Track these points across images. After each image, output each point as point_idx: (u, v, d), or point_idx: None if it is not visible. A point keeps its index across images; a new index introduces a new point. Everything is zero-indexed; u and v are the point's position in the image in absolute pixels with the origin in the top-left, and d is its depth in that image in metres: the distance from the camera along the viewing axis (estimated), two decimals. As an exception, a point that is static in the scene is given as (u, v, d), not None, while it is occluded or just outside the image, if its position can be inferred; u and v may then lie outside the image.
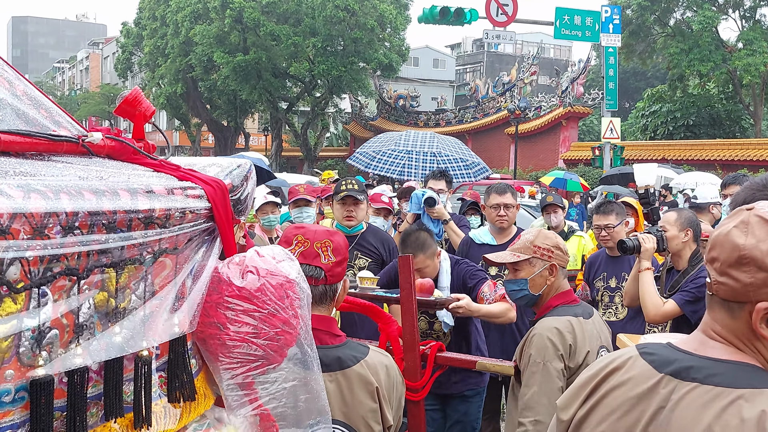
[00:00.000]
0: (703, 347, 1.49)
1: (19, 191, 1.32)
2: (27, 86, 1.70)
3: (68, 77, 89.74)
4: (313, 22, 33.41)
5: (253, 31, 33.89)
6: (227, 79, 35.05)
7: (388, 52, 35.57)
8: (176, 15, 36.56)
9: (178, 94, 39.37)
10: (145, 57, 40.81)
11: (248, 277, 1.80)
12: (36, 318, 1.36)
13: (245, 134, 43.60)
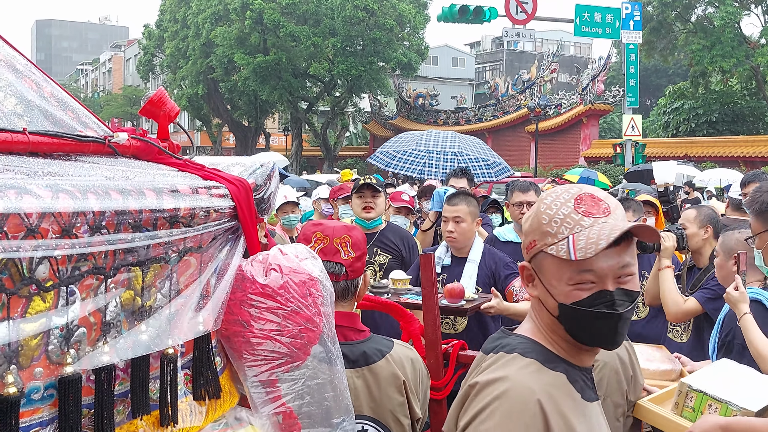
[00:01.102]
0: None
1: (47, 191, 1.33)
2: (54, 88, 1.72)
3: (91, 79, 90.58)
4: (332, 22, 33.46)
5: (273, 32, 34.00)
6: (248, 80, 35.20)
7: (407, 52, 35.54)
8: (197, 17, 36.77)
9: (200, 95, 39.58)
10: (167, 59, 41.08)
11: (271, 275, 1.81)
12: (64, 316, 1.37)
13: (266, 134, 43.77)
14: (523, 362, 1.57)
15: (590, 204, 1.56)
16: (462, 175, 6.97)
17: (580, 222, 1.54)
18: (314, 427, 1.89)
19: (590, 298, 1.53)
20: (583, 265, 1.51)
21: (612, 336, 1.56)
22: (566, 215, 1.56)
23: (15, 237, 1.26)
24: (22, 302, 1.30)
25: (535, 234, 1.61)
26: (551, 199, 1.61)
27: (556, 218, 1.56)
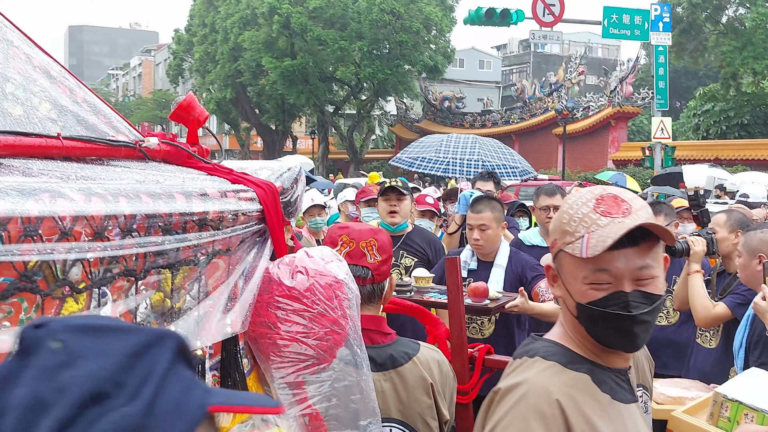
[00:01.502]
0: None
1: (80, 195, 1.36)
2: (87, 93, 1.75)
3: (122, 84, 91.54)
4: (359, 26, 33.52)
5: (301, 36, 34.16)
6: (275, 84, 35.37)
7: (433, 55, 35.50)
8: (225, 21, 37.04)
9: (228, 99, 39.86)
10: (196, 63, 41.43)
11: (298, 278, 1.83)
12: (96, 317, 1.40)
13: (293, 137, 43.96)
14: (543, 365, 1.58)
15: (610, 204, 1.56)
16: (488, 178, 6.95)
17: (596, 221, 1.54)
18: (341, 429, 1.90)
19: (605, 299, 1.52)
20: (598, 264, 1.52)
21: (628, 338, 1.54)
22: (585, 215, 1.56)
23: (49, 239, 1.29)
24: (55, 303, 1.33)
25: (556, 233, 1.62)
26: (574, 199, 1.62)
27: (575, 218, 1.57)
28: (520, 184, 17.30)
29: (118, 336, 0.75)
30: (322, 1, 33.32)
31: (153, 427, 0.69)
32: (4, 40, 1.63)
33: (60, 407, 0.67)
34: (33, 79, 1.62)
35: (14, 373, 0.70)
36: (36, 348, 0.71)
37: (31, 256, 1.27)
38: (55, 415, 0.66)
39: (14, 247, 1.24)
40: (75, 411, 0.67)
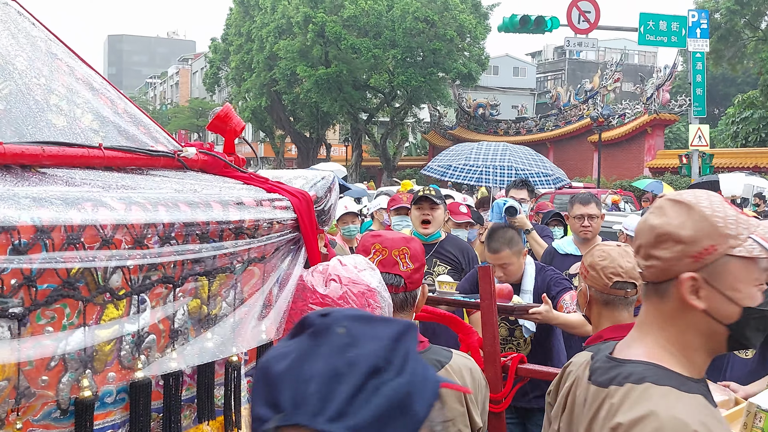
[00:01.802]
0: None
1: (121, 203, 1.40)
2: (127, 104, 1.79)
3: (159, 92, 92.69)
4: (393, 34, 33.60)
5: (335, 44, 34.33)
6: (309, 92, 35.57)
7: (467, 62, 35.43)
8: (261, 31, 37.38)
9: (263, 107, 40.17)
10: (232, 71, 41.84)
11: (331, 285, 1.84)
12: (136, 323, 1.43)
13: (326, 145, 44.15)
14: (660, 391, 1.48)
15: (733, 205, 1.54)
16: (522, 186, 6.91)
17: (749, 221, 1.50)
18: (373, 436, 1.91)
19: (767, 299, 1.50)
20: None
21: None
22: (735, 216, 1.50)
23: (91, 247, 1.32)
24: (97, 309, 1.36)
25: (710, 239, 1.49)
26: (707, 203, 1.52)
27: (730, 219, 1.49)
28: (555, 192, 17.17)
29: (382, 324, 0.94)
30: (357, 10, 33.46)
31: (413, 394, 0.88)
32: (49, 53, 1.68)
33: (352, 377, 0.86)
34: (76, 91, 1.66)
35: (311, 350, 0.90)
36: (326, 332, 0.91)
37: (74, 263, 1.30)
38: (350, 383, 0.86)
39: (58, 255, 1.28)
40: (363, 380, 0.86)
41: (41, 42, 1.69)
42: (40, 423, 1.32)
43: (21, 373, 1.26)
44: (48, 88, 1.61)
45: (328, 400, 0.85)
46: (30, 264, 1.24)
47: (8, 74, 1.55)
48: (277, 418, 0.86)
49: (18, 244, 1.22)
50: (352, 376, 0.86)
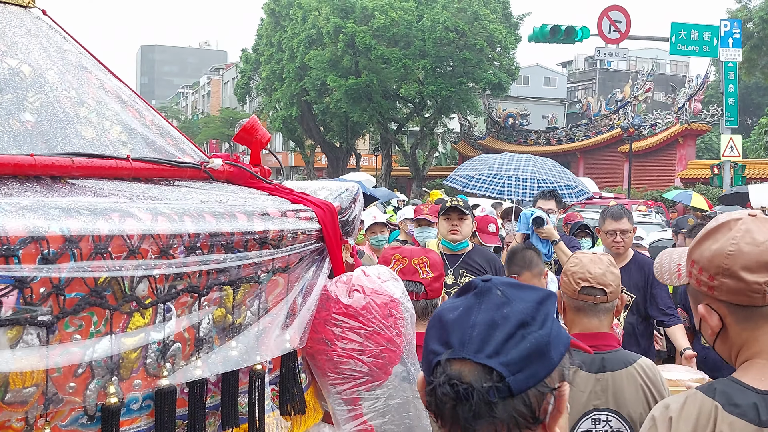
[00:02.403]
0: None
1: (147, 214, 1.42)
2: (155, 116, 1.82)
3: (191, 102, 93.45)
4: (422, 44, 33.62)
5: (365, 54, 34.44)
6: (339, 102, 35.69)
7: (497, 72, 35.30)
8: (292, 41, 37.62)
9: (294, 117, 40.37)
10: (263, 82, 42.11)
11: (354, 296, 1.85)
12: (161, 332, 1.45)
13: (356, 155, 44.25)
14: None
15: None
16: (550, 197, 6.85)
17: None
18: (395, 445, 1.92)
19: None
20: None
21: None
22: None
23: (118, 257, 1.35)
24: (123, 318, 1.38)
25: None
26: None
27: None
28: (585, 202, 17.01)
29: (530, 291, 1.20)
30: (387, 20, 33.54)
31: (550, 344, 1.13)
32: (80, 66, 1.71)
33: (505, 327, 1.13)
34: (105, 103, 1.69)
35: (475, 306, 1.17)
36: (487, 293, 1.18)
37: (101, 272, 1.32)
38: (503, 331, 1.12)
39: (86, 264, 1.30)
40: (513, 330, 1.12)
41: (72, 55, 1.72)
42: (68, 428, 1.34)
43: (49, 379, 1.28)
44: (78, 101, 1.64)
45: (486, 342, 1.12)
46: (59, 273, 1.26)
47: (39, 87, 1.59)
48: (448, 353, 1.13)
49: (47, 254, 1.24)
50: (505, 326, 1.13)
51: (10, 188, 1.39)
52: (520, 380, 1.10)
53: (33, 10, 1.79)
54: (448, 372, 1.12)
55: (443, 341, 1.16)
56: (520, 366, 1.10)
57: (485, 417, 1.10)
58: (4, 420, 1.24)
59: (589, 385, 2.51)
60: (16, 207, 1.26)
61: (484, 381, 1.10)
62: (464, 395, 1.10)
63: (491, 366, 1.10)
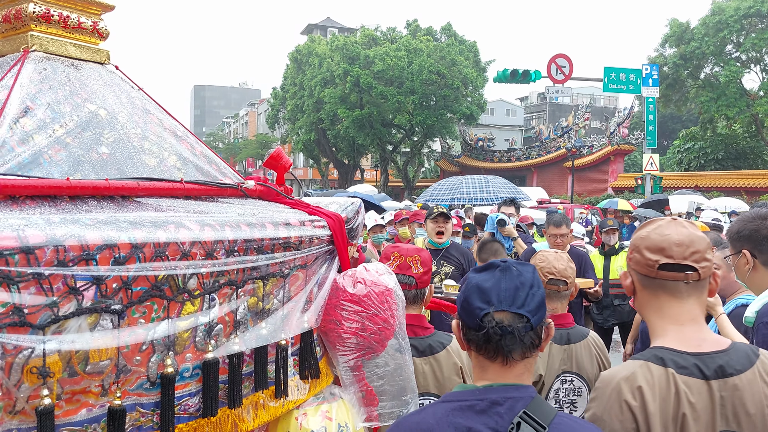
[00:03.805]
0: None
1: (196, 225, 1.42)
2: (203, 148, 1.82)
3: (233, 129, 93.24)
4: (412, 84, 33.62)
5: (368, 92, 34.44)
6: (348, 129, 35.70)
7: (470, 105, 35.30)
8: (310, 81, 37.61)
9: (312, 141, 40.34)
10: (288, 113, 42.06)
11: (358, 287, 1.85)
12: (207, 316, 1.45)
13: (361, 170, 44.21)
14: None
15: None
16: (511, 204, 6.88)
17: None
18: (389, 401, 1.91)
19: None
20: None
21: None
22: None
23: (173, 259, 1.34)
24: (178, 306, 1.38)
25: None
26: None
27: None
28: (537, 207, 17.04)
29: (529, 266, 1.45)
30: (384, 65, 33.55)
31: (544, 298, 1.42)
32: (144, 109, 1.71)
33: (524, 289, 1.38)
34: (164, 137, 1.69)
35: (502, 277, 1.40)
36: (508, 269, 1.41)
37: (160, 271, 1.32)
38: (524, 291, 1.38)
39: (148, 265, 1.30)
40: (528, 290, 1.38)
41: (138, 101, 1.72)
42: (135, 392, 1.34)
43: (120, 354, 1.28)
44: (143, 136, 1.63)
45: (515, 299, 1.37)
46: (127, 272, 1.26)
47: (113, 126, 1.59)
48: (492, 308, 1.36)
49: (118, 257, 1.24)
50: (524, 289, 1.38)
51: (90, 206, 1.39)
52: (536, 320, 1.37)
53: (108, 66, 1.78)
54: (495, 319, 1.35)
55: (485, 300, 1.38)
56: (535, 312, 1.37)
57: (518, 344, 1.35)
58: (85, 386, 1.24)
59: (560, 355, 2.57)
60: (94, 221, 1.26)
61: (518, 323, 1.35)
62: (508, 331, 1.35)
63: (521, 313, 1.36)
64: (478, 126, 45.13)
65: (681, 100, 33.38)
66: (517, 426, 1.29)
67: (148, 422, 1.35)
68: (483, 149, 43.14)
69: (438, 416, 1.36)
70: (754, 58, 30.59)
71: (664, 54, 31.99)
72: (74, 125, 1.53)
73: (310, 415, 1.77)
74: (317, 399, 1.82)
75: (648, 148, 23.67)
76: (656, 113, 24.84)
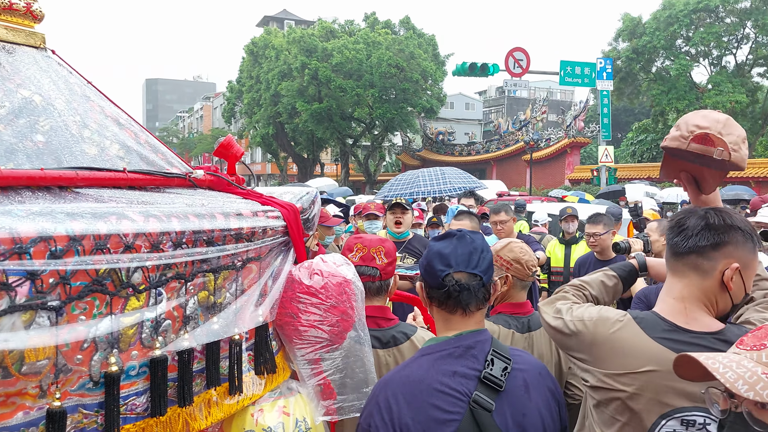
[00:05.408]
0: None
1: (140, 216, 1.35)
2: (148, 136, 1.74)
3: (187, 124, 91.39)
4: (371, 77, 33.56)
5: (326, 85, 34.22)
6: (306, 122, 35.43)
7: (429, 99, 35.46)
8: (267, 74, 37.16)
9: (270, 135, 39.89)
10: (245, 107, 41.50)
11: (314, 278, 1.81)
12: (154, 312, 1.39)
13: (321, 164, 43.97)
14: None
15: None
16: (470, 196, 6.96)
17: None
18: (349, 394, 1.88)
19: None
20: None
21: None
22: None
23: (116, 252, 1.28)
24: (121, 301, 1.32)
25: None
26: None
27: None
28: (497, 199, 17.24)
29: (479, 234, 1.69)
30: (343, 58, 33.38)
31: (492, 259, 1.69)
32: (84, 96, 1.63)
33: (476, 253, 1.63)
34: (105, 126, 1.61)
35: (458, 244, 1.66)
36: (462, 237, 1.66)
37: (102, 265, 1.26)
38: (476, 255, 1.63)
39: (88, 258, 1.23)
40: (480, 254, 1.63)
41: (77, 87, 1.63)
42: (76, 392, 1.27)
43: (59, 353, 1.22)
44: (82, 124, 1.55)
45: (469, 262, 1.62)
46: (65, 266, 1.19)
47: (49, 113, 1.50)
48: (452, 270, 1.60)
49: (54, 251, 1.17)
50: (476, 253, 1.63)
51: (23, 197, 1.31)
52: (486, 278, 1.63)
53: (44, 50, 1.69)
54: (455, 278, 1.60)
55: (445, 264, 1.61)
56: (485, 272, 1.62)
57: (473, 298, 1.61)
58: (21, 388, 1.17)
59: (521, 343, 2.57)
60: (27, 212, 1.19)
61: (473, 281, 1.61)
62: (465, 288, 1.60)
63: (475, 273, 1.61)
64: (438, 120, 45.38)
65: (634, 93, 34.26)
66: (492, 362, 1.58)
67: (92, 424, 1.29)
68: (444, 143, 43.42)
69: (424, 367, 1.59)
70: (702, 52, 31.61)
71: (618, 48, 32.75)
72: (6, 112, 1.43)
73: (267, 411, 1.72)
74: (274, 394, 1.78)
75: (603, 141, 24.22)
76: (610, 106, 25.43)
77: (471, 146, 41.67)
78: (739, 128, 1.79)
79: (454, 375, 1.56)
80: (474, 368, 1.57)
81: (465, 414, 1.52)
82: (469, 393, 1.54)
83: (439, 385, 1.54)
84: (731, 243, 1.59)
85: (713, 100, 28.29)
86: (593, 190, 24.80)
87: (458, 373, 1.56)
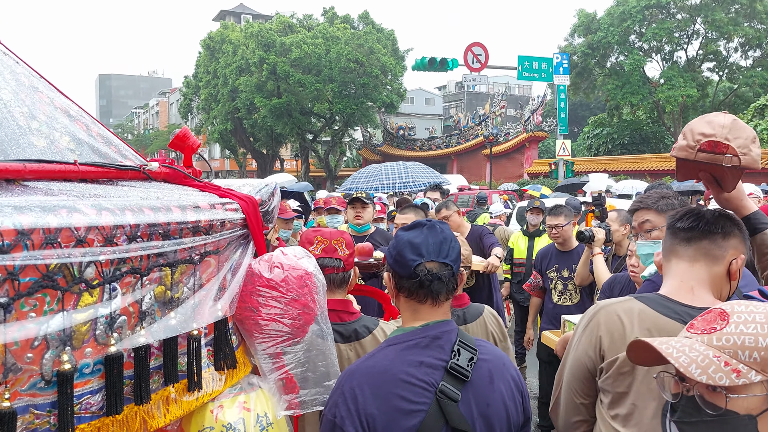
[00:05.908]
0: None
1: (93, 209, 1.31)
2: (100, 128, 1.69)
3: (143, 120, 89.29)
4: (331, 72, 33.39)
5: (285, 80, 33.90)
6: (265, 118, 35.04)
7: (390, 94, 35.49)
8: (225, 69, 36.59)
9: (228, 131, 39.32)
10: (202, 102, 40.78)
11: (275, 271, 1.79)
12: (108, 307, 1.35)
13: (281, 160, 43.56)
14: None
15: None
16: (436, 189, 6.99)
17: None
18: (311, 388, 1.87)
19: None
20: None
21: None
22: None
23: (67, 246, 1.24)
24: (74, 297, 1.28)
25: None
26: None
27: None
28: (459, 193, 17.40)
29: (447, 225, 1.74)
30: (301, 53, 33.12)
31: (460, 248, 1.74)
32: (31, 87, 1.57)
33: (446, 243, 1.67)
34: (55, 117, 1.56)
35: (429, 234, 1.66)
36: (432, 227, 1.68)
37: (52, 259, 1.22)
38: (446, 245, 1.67)
39: (37, 253, 1.19)
40: (449, 244, 1.66)
41: (24, 77, 1.57)
42: (27, 392, 1.23)
43: (8, 351, 1.17)
44: (30, 115, 1.50)
45: (440, 251, 1.64)
46: (13, 261, 1.15)
47: (-7, 104, 1.44)
48: (423, 259, 1.62)
49: (1, 246, 1.13)
50: (446, 243, 1.65)
51: (-34, 190, 1.26)
52: (456, 268, 1.66)
53: (-13, 38, 1.62)
54: (427, 268, 1.61)
55: (417, 253, 1.63)
56: (455, 261, 1.65)
57: (444, 287, 1.63)
58: (-33, 389, 1.13)
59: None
60: (-29, 206, 1.14)
61: (444, 270, 1.63)
62: (437, 277, 1.61)
63: (446, 262, 1.63)
64: (398, 115, 45.50)
65: (589, 87, 35.01)
66: (458, 352, 1.59)
67: (44, 424, 1.25)
68: (404, 138, 43.54)
69: (390, 357, 1.59)
70: (655, 48, 32.53)
71: (573, 43, 33.41)
72: (-53, 102, 1.37)
73: (227, 407, 1.70)
74: (234, 390, 1.75)
75: (560, 135, 24.70)
76: (567, 101, 25.93)
77: (432, 141, 41.90)
78: (746, 129, 1.77)
79: (421, 365, 1.56)
80: (440, 358, 1.58)
81: (431, 404, 1.52)
82: (435, 383, 1.54)
83: (405, 375, 1.55)
84: (738, 237, 1.69)
85: (665, 95, 29.14)
86: (551, 183, 25.25)
87: (425, 363, 1.56)
